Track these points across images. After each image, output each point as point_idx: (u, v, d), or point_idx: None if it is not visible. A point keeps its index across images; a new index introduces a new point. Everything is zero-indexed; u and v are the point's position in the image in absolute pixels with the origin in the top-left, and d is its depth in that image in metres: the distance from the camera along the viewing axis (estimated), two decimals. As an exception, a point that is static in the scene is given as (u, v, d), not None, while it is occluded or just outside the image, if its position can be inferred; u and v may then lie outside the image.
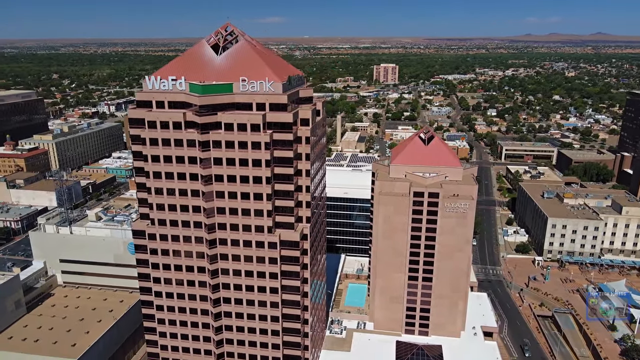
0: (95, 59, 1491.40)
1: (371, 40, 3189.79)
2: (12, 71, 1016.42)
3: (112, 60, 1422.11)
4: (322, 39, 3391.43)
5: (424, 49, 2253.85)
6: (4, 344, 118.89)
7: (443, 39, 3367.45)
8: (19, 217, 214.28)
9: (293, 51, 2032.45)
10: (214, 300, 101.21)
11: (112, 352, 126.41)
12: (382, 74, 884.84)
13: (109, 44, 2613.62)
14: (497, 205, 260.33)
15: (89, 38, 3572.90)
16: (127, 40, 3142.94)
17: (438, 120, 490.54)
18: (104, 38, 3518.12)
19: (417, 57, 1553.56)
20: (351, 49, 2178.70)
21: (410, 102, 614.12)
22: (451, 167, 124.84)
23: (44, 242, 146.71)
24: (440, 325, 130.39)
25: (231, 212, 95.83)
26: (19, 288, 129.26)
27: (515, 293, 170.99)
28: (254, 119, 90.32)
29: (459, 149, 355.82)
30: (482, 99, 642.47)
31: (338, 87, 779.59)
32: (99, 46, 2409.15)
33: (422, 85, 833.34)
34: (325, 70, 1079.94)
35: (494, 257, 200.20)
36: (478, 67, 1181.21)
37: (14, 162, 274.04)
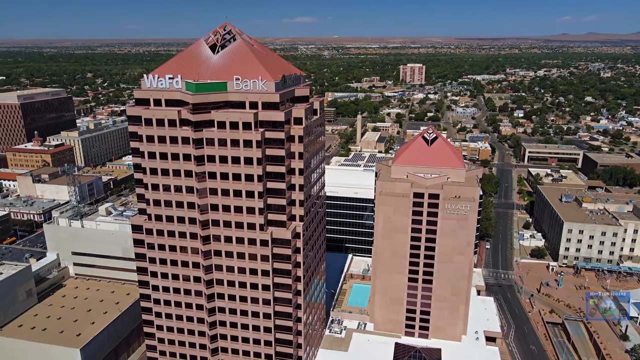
0: (129, 59, 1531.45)
1: (401, 40, 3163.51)
2: (50, 70, 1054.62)
3: (145, 60, 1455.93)
4: (352, 38, 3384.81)
5: (455, 48, 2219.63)
6: (13, 332, 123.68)
7: (474, 38, 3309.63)
8: (41, 210, 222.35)
9: (322, 51, 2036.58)
10: (208, 296, 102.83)
11: (116, 343, 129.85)
12: (409, 74, 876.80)
13: (142, 43, 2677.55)
14: (515, 208, 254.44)
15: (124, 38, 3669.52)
16: (160, 40, 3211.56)
17: (462, 121, 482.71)
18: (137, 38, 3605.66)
19: (447, 57, 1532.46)
20: (380, 49, 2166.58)
21: (435, 102, 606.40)
22: (453, 169, 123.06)
23: (57, 235, 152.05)
24: (441, 328, 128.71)
25: (224, 209, 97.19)
26: (30, 278, 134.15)
27: (526, 298, 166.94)
28: (246, 117, 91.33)
29: (481, 150, 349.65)
30: (510, 99, 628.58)
31: (363, 87, 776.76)
32: (133, 46, 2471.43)
33: (449, 86, 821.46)
34: (352, 70, 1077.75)
35: (507, 261, 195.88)
36: (509, 67, 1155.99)
37: (41, 157, 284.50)
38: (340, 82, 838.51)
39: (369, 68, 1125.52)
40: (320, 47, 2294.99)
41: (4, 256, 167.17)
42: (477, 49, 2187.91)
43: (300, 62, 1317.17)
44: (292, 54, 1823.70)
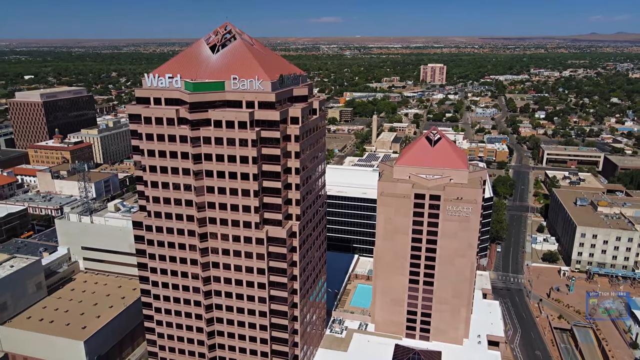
0: (153, 58, 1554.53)
1: (423, 39, 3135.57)
2: (76, 69, 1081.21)
3: (167, 59, 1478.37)
4: (374, 38, 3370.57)
5: (478, 48, 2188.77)
6: (21, 323, 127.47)
7: (499, 38, 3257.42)
8: (58, 206, 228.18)
9: (343, 51, 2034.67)
10: (205, 293, 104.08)
11: (121, 337, 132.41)
12: (429, 74, 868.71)
13: (167, 43, 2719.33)
14: (530, 211, 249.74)
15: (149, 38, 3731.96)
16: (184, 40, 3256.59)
17: (481, 122, 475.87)
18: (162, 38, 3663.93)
19: (470, 57, 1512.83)
20: (402, 49, 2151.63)
21: (455, 103, 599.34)
22: (456, 170, 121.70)
23: (68, 230, 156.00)
24: (442, 331, 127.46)
25: (221, 207, 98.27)
26: (40, 272, 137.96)
27: (534, 303, 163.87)
28: (241, 116, 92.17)
29: (497, 152, 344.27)
30: (532, 100, 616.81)
31: (383, 87, 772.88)
32: (157, 46, 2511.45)
33: (471, 86, 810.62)
34: (373, 70, 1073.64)
35: (518, 265, 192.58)
36: (533, 67, 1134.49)
37: (61, 154, 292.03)
38: (360, 82, 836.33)
39: (390, 68, 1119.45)
40: (343, 47, 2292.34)
41: (19, 250, 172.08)
42: (501, 48, 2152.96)
43: (321, 62, 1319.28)
44: (313, 54, 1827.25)
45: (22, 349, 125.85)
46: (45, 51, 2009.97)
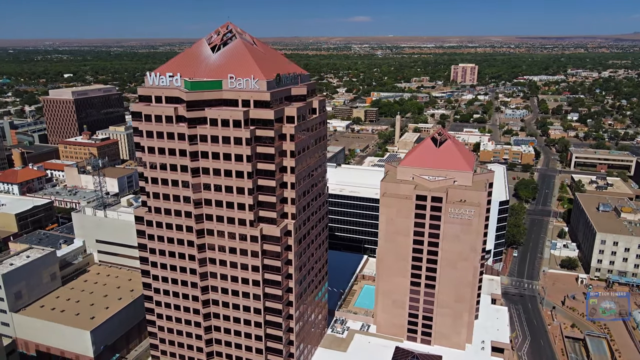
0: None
1: (458, 39, 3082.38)
2: (113, 68, 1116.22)
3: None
4: (407, 38, 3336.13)
5: (514, 48, 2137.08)
6: (34, 312, 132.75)
7: (537, 37, 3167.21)
8: (82, 200, 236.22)
9: (375, 50, 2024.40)
10: (202, 288, 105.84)
11: (128, 328, 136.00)
12: (460, 75, 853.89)
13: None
14: (552, 216, 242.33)
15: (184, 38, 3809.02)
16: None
17: (509, 124, 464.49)
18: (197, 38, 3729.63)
19: (504, 57, 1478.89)
20: (435, 49, 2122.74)
21: (484, 104, 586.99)
22: (460, 172, 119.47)
23: (83, 223, 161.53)
24: (444, 335, 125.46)
25: (217, 204, 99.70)
26: (54, 263, 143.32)
27: (547, 310, 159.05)
28: (236, 115, 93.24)
29: (523, 154, 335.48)
30: (566, 102, 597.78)
31: (411, 87, 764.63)
32: (191, 44, 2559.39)
33: (502, 87, 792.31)
34: (403, 69, 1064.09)
35: (534, 271, 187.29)
36: (571, 67, 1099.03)
37: (88, 150, 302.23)
38: (389, 82, 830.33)
39: (420, 68, 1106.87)
40: (374, 47, 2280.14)
41: (41, 241, 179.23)
42: (539, 48, 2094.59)
43: (351, 62, 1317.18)
44: (344, 53, 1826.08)
45: (33, 336, 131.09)
46: (85, 50, 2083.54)
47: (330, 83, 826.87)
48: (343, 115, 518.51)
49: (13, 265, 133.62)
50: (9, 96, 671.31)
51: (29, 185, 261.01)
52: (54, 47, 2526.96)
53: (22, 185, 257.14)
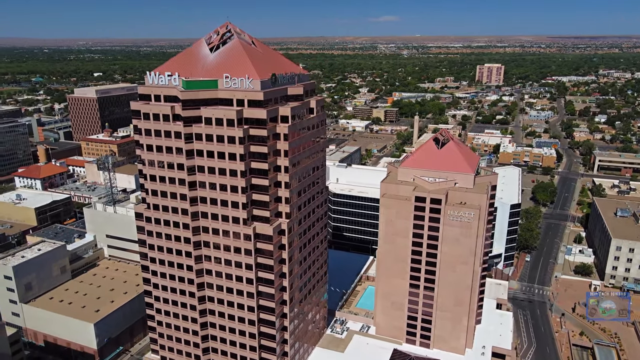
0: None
1: (486, 39, 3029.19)
2: (141, 67, 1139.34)
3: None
4: (434, 37, 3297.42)
5: (545, 48, 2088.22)
6: (43, 303, 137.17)
7: (569, 37, 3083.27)
8: (99, 195, 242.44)
9: (401, 50, 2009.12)
10: (198, 285, 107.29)
11: (132, 322, 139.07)
12: (485, 75, 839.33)
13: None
14: (569, 220, 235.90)
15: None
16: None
17: (533, 125, 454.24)
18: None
19: (533, 57, 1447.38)
20: (462, 48, 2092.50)
21: (508, 105, 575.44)
22: (461, 173, 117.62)
23: (94, 218, 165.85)
24: (444, 339, 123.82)
25: (212, 202, 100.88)
26: (64, 256, 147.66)
27: (556, 317, 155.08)
28: (229, 114, 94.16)
29: (544, 156, 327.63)
30: (595, 103, 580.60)
31: (435, 87, 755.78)
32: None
33: (529, 87, 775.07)
34: (427, 69, 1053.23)
35: (546, 276, 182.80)
36: (603, 68, 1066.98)
37: (109, 147, 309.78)
38: (413, 82, 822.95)
39: (446, 68, 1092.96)
40: (400, 47, 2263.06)
41: (57, 235, 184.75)
42: (570, 48, 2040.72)
43: (375, 62, 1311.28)
44: (370, 53, 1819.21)
45: (42, 327, 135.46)
46: (116, 50, 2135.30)
47: (353, 83, 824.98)
48: (363, 115, 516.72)
49: (24, 257, 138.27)
50: (41, 94, 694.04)
51: (51, 180, 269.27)
52: (86, 46, 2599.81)
53: (44, 181, 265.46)
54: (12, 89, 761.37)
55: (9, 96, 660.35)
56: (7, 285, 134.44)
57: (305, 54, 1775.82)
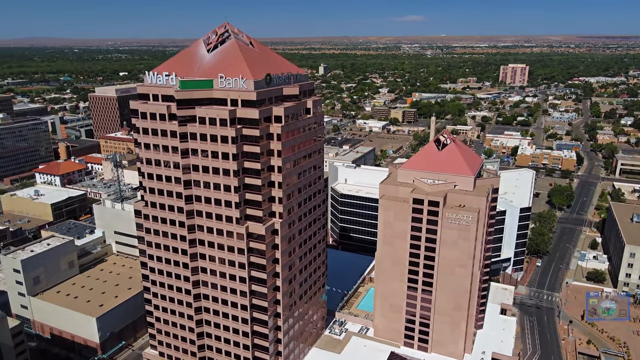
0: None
1: (513, 38, 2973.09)
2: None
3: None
4: (459, 37, 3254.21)
5: (574, 48, 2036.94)
6: (50, 297, 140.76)
7: (600, 37, 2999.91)
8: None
9: (425, 50, 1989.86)
10: (193, 283, 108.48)
11: (135, 317, 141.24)
12: (509, 75, 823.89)
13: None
14: (585, 225, 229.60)
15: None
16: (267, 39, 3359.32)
17: (554, 127, 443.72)
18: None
19: (561, 57, 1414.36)
20: (488, 48, 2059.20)
21: (531, 106, 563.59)
22: (460, 176, 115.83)
23: (103, 215, 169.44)
24: (441, 343, 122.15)
25: (206, 201, 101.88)
26: (72, 251, 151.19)
27: (564, 324, 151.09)
28: (222, 114, 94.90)
29: (563, 159, 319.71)
30: (622, 105, 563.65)
31: (456, 88, 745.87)
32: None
33: (554, 88, 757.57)
34: (450, 70, 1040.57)
35: (556, 282, 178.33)
36: (634, 68, 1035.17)
37: (126, 145, 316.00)
38: (435, 82, 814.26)
39: (469, 68, 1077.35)
40: (424, 47, 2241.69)
41: (70, 230, 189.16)
42: (601, 48, 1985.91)
43: (398, 62, 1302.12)
44: (393, 53, 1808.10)
45: (48, 320, 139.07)
46: (143, 50, 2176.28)
47: (374, 83, 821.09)
48: (380, 115, 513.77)
49: (33, 252, 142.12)
50: (67, 93, 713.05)
51: (69, 177, 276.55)
52: (115, 46, 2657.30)
53: (63, 177, 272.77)
54: (41, 87, 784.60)
55: (38, 94, 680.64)
56: (16, 278, 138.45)
57: (328, 53, 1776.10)
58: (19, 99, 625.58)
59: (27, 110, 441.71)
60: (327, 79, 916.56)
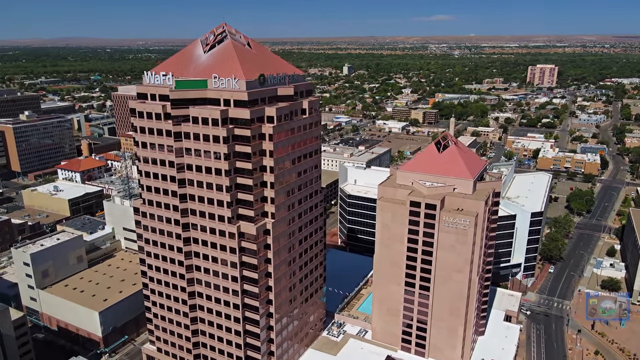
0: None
1: (545, 38, 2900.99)
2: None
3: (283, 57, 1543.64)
4: (489, 37, 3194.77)
5: (609, 48, 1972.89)
6: (59, 290, 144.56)
7: (637, 36, 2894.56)
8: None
9: (452, 50, 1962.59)
10: (188, 280, 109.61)
11: (137, 313, 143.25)
12: (537, 76, 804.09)
13: (279, 42, 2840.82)
14: (604, 231, 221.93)
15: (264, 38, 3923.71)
16: (295, 39, 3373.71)
17: (580, 130, 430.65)
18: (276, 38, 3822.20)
19: (594, 57, 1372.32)
20: (518, 48, 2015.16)
21: (558, 107, 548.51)
22: (459, 179, 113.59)
23: (113, 211, 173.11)
24: (439, 348, 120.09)
25: (199, 200, 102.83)
26: (81, 246, 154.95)
27: (573, 333, 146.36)
28: (214, 114, 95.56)
29: (586, 163, 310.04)
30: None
31: (482, 88, 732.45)
32: (270, 44, 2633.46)
33: (584, 90, 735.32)
34: (477, 70, 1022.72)
35: (568, 290, 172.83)
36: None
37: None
38: (459, 83, 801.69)
39: (497, 69, 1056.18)
40: (452, 47, 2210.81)
41: (84, 225, 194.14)
42: (637, 48, 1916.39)
43: (423, 62, 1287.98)
44: (419, 53, 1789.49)
45: (55, 312, 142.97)
46: (174, 49, 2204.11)
47: (397, 83, 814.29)
48: (401, 116, 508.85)
49: (43, 246, 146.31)
50: (96, 91, 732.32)
51: (89, 173, 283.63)
52: (145, 46, 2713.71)
53: (83, 174, 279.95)
54: (71, 86, 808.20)
55: (68, 93, 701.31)
56: (26, 271, 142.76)
57: (354, 53, 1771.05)
58: (49, 97, 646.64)
59: (54, 108, 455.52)
60: (351, 79, 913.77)
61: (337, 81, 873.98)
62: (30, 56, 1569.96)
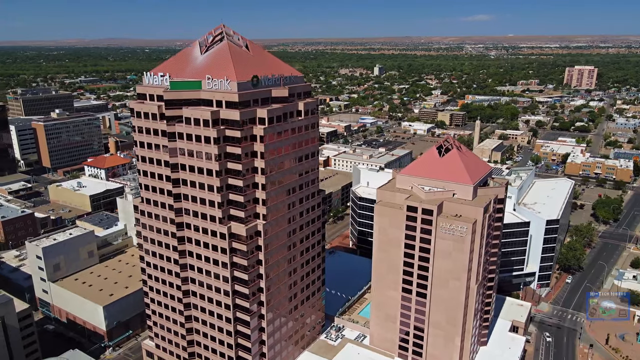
0: (296, 56, 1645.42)
1: (588, 38, 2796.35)
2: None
3: (308, 58, 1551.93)
4: (527, 37, 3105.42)
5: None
6: (68, 284, 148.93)
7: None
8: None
9: (489, 51, 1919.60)
10: (182, 279, 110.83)
11: (142, 309, 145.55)
12: (575, 78, 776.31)
13: (313, 42, 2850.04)
14: (630, 241, 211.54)
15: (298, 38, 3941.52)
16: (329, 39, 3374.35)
17: (616, 134, 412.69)
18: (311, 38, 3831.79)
19: (639, 59, 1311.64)
20: (559, 49, 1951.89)
21: (594, 111, 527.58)
22: (459, 184, 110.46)
23: (125, 208, 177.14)
24: (436, 357, 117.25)
25: (192, 200, 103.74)
26: (92, 241, 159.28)
27: (585, 347, 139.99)
28: (205, 114, 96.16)
29: (618, 169, 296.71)
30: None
31: (515, 90, 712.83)
32: (304, 45, 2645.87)
33: (625, 92, 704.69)
34: (512, 71, 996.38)
35: (585, 301, 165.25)
36: None
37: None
38: (492, 84, 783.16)
39: (533, 70, 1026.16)
40: (489, 47, 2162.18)
41: (101, 221, 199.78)
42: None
43: (457, 63, 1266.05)
44: (454, 54, 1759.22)
45: (64, 305, 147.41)
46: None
47: (428, 84, 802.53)
48: (427, 118, 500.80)
49: (55, 240, 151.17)
50: (131, 90, 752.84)
51: (114, 170, 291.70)
52: (182, 46, 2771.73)
53: (108, 170, 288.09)
54: (108, 85, 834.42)
55: (104, 92, 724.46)
56: (39, 264, 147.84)
57: (387, 54, 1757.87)
58: (87, 95, 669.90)
59: (88, 106, 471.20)
60: (381, 79, 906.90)
61: (367, 82, 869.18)
62: (72, 56, 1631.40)
